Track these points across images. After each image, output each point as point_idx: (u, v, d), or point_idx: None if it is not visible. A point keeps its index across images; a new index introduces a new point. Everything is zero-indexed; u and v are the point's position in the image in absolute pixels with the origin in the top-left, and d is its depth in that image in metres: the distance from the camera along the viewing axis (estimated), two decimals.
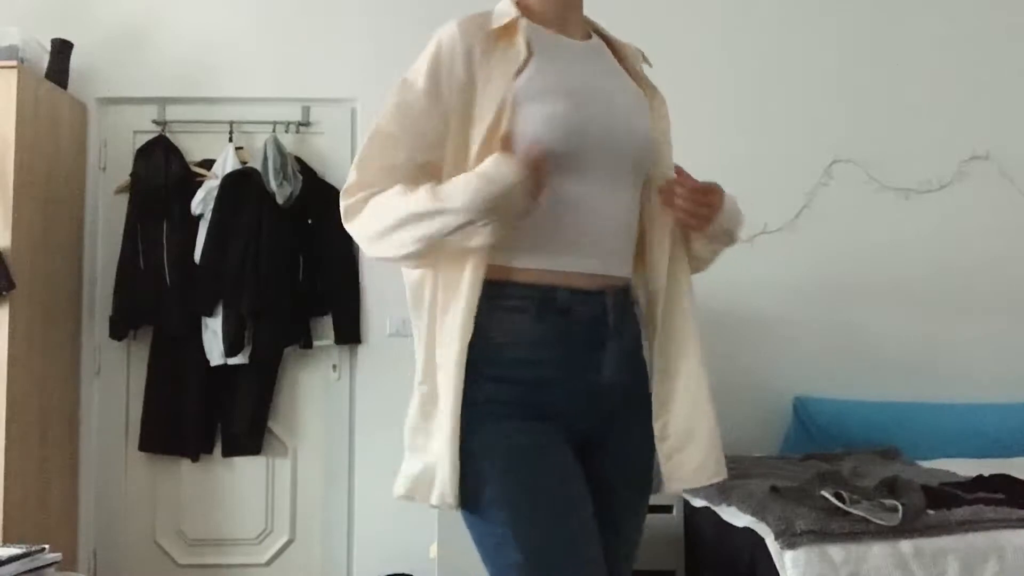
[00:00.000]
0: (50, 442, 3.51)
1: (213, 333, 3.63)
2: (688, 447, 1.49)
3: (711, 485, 3.07)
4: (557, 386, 1.41)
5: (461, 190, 1.34)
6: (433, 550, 3.07)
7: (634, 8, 3.97)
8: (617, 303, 1.47)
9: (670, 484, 1.50)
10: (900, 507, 2.42)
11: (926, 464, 3.32)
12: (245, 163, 3.76)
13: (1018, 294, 3.96)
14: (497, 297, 1.40)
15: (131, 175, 3.78)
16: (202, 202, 3.68)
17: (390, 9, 3.89)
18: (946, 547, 2.39)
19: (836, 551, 2.37)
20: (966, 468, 3.08)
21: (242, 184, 3.68)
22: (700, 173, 1.52)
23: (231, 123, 3.84)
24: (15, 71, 3.28)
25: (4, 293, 3.17)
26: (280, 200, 3.63)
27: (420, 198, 1.36)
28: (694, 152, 1.85)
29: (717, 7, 4.01)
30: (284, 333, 3.72)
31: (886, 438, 3.56)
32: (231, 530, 3.79)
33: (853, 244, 3.95)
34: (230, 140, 3.81)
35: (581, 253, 1.43)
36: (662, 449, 1.50)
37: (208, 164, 3.78)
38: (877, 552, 2.37)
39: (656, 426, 1.51)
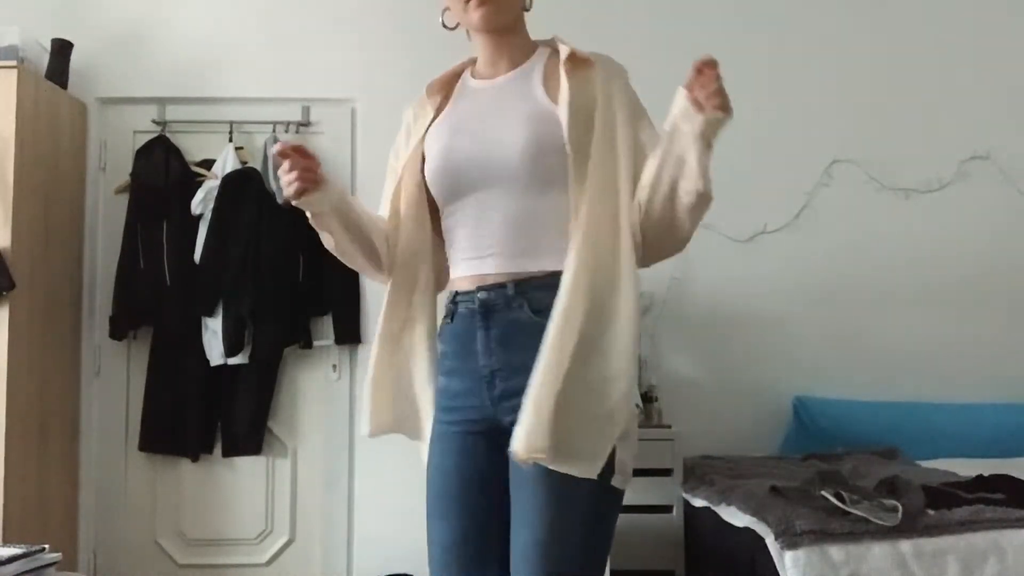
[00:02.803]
0: (50, 442, 3.51)
1: (213, 333, 3.63)
2: (522, 415, 1.49)
3: (712, 485, 3.08)
4: (456, 374, 1.65)
5: None
6: None
7: (635, 9, 3.98)
8: (491, 297, 1.61)
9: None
10: (900, 507, 2.42)
11: (926, 464, 3.32)
12: (245, 163, 3.76)
13: (1018, 294, 3.97)
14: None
15: (131, 175, 3.78)
16: (202, 202, 3.68)
17: (390, 10, 3.89)
18: (946, 547, 2.40)
19: (836, 551, 2.37)
20: (966, 468, 3.08)
21: (242, 184, 3.68)
22: None
23: (231, 123, 3.84)
24: (15, 71, 3.29)
25: (4, 293, 3.17)
26: (280, 200, 3.63)
27: None
28: None
29: (717, 7, 4.01)
30: (284, 333, 3.72)
31: (886, 438, 3.57)
32: (231, 530, 3.78)
33: (853, 244, 3.95)
34: (230, 140, 3.81)
35: (468, 260, 1.66)
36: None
37: (208, 164, 3.78)
38: (877, 552, 2.38)
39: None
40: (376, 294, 3.85)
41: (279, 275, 3.68)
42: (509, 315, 1.59)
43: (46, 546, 1.91)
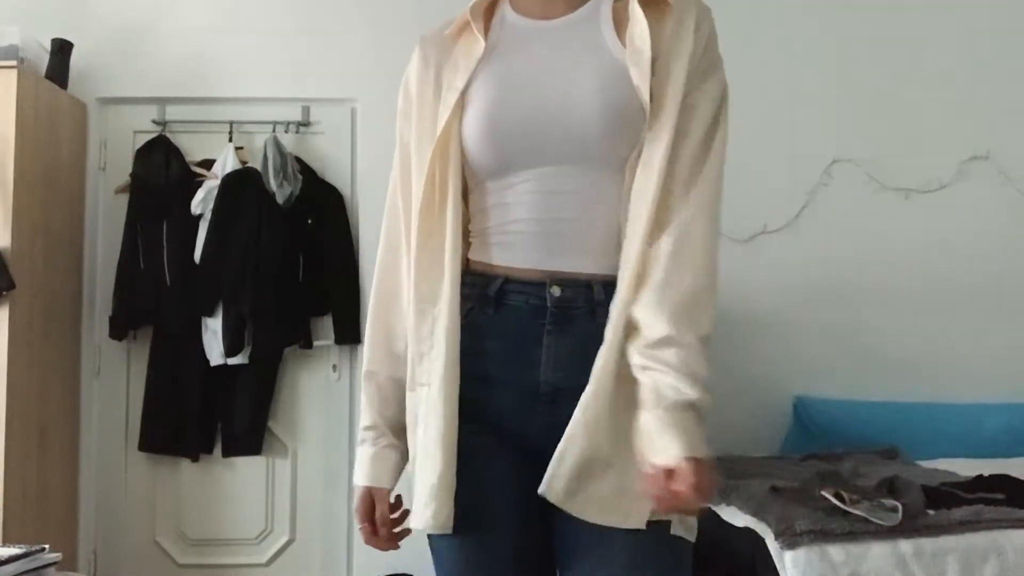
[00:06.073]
0: (50, 442, 3.51)
1: (213, 333, 3.63)
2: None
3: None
4: (499, 385, 1.33)
5: (358, 461, 1.50)
6: None
7: None
8: (570, 296, 1.31)
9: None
10: (900, 507, 2.42)
11: (926, 464, 3.32)
12: (245, 163, 3.76)
13: (1018, 294, 3.96)
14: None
15: (131, 175, 3.78)
16: (202, 202, 3.68)
17: (390, 9, 3.89)
18: (946, 547, 2.40)
19: (836, 551, 2.37)
20: (966, 468, 3.08)
21: (242, 184, 3.68)
22: None
23: (231, 123, 3.84)
24: (15, 71, 3.28)
25: (4, 293, 3.17)
26: (280, 200, 3.64)
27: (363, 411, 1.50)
28: None
29: (716, 7, 4.00)
30: (284, 333, 3.72)
31: (886, 438, 3.56)
32: (231, 530, 3.78)
33: (853, 244, 3.95)
34: (230, 140, 3.81)
35: (526, 247, 1.34)
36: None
37: (208, 164, 3.78)
38: (877, 552, 2.38)
39: None
40: None
41: (279, 275, 3.68)
42: (593, 323, 1.30)
43: (46, 546, 1.92)
